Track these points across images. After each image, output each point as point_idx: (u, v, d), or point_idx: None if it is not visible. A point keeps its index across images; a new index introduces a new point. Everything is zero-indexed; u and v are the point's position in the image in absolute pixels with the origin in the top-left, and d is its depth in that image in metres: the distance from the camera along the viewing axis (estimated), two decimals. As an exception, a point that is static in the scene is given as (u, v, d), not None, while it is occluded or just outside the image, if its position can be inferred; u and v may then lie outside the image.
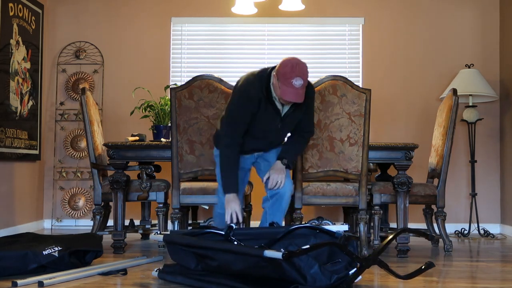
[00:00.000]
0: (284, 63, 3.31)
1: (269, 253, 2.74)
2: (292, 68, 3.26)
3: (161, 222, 4.50)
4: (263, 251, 2.77)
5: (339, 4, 6.11)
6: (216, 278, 3.08)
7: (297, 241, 3.22)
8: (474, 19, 6.06)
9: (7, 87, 5.23)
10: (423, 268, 3.13)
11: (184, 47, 6.17)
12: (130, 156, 4.40)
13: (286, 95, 3.29)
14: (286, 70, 3.27)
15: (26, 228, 5.44)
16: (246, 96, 3.40)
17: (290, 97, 3.30)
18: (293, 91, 3.28)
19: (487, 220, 5.85)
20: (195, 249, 3.15)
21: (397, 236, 3.23)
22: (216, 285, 3.02)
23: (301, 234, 3.26)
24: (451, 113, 4.48)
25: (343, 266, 3.00)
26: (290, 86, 3.27)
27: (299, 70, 3.27)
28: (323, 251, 3.09)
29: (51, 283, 3.08)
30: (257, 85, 3.39)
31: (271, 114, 3.46)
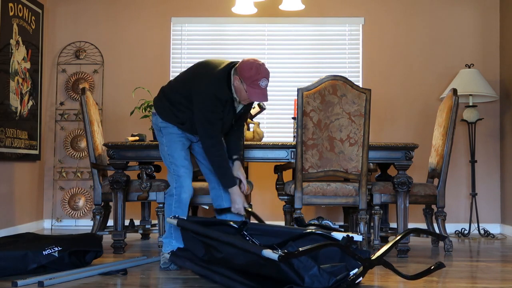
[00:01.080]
0: (247, 65, 3.44)
1: (266, 253, 2.75)
2: (257, 70, 3.41)
3: (161, 222, 4.50)
4: (262, 250, 2.78)
5: (339, 4, 6.11)
6: (220, 269, 3.12)
7: (308, 244, 3.20)
8: (474, 19, 6.06)
9: (7, 87, 5.23)
10: (432, 268, 3.13)
11: (184, 47, 6.17)
12: (130, 156, 4.40)
13: (254, 96, 3.46)
14: (252, 73, 3.41)
15: (26, 228, 5.44)
16: (217, 98, 3.49)
17: (258, 98, 3.48)
18: (261, 92, 3.45)
19: (487, 220, 5.85)
20: (203, 238, 3.23)
21: (405, 236, 3.22)
22: (219, 275, 3.07)
23: (315, 238, 3.25)
24: (451, 113, 4.48)
25: (343, 267, 2.99)
26: (257, 87, 3.43)
27: (263, 71, 3.43)
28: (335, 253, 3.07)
29: (51, 283, 3.09)
30: (225, 87, 3.50)
31: (230, 113, 3.59)
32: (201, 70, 3.58)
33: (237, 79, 3.46)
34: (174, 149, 3.66)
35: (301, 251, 2.75)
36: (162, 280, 3.38)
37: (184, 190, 3.64)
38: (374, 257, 3.02)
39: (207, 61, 3.65)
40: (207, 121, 3.50)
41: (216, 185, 3.79)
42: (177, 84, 3.68)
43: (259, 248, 2.82)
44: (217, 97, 3.47)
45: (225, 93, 3.49)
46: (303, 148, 4.09)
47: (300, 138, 4.08)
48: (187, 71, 3.68)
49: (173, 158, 3.66)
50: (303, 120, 4.07)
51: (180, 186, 3.64)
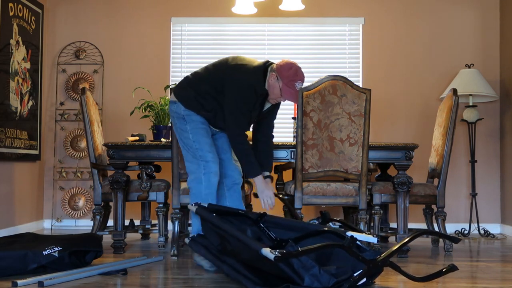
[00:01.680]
0: (287, 65, 3.62)
1: (265, 252, 2.76)
2: (296, 72, 3.61)
3: (161, 222, 4.50)
4: (261, 248, 2.79)
5: (339, 4, 6.11)
6: (230, 259, 3.18)
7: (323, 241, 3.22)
8: (474, 19, 6.06)
9: (7, 87, 5.23)
10: (444, 271, 3.12)
11: (184, 47, 6.17)
12: (130, 156, 4.40)
13: (287, 95, 3.61)
14: (290, 74, 3.59)
15: (26, 228, 5.44)
16: (254, 90, 3.61)
17: (291, 97, 3.63)
18: (295, 93, 3.62)
19: (487, 220, 5.85)
20: (216, 229, 3.27)
21: (415, 238, 3.22)
22: (227, 266, 3.14)
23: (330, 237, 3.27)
24: (451, 113, 4.48)
25: (349, 268, 2.99)
26: (293, 88, 3.60)
27: (301, 74, 3.64)
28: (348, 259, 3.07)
29: (51, 283, 3.08)
30: (262, 82, 3.63)
31: (257, 110, 3.69)
32: (238, 62, 3.68)
33: (273, 76, 3.60)
34: (200, 135, 3.70)
35: (300, 251, 2.75)
36: (162, 280, 3.38)
37: (213, 175, 3.68)
38: (380, 258, 3.01)
39: (241, 56, 3.77)
40: (238, 110, 3.59)
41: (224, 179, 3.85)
42: (207, 74, 3.74)
43: (259, 246, 2.83)
44: (254, 88, 3.60)
45: (262, 88, 3.62)
46: (303, 148, 4.09)
47: (300, 138, 4.08)
48: (218, 63, 3.76)
49: (199, 144, 3.69)
50: (303, 120, 4.07)
51: (209, 172, 3.67)
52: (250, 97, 3.60)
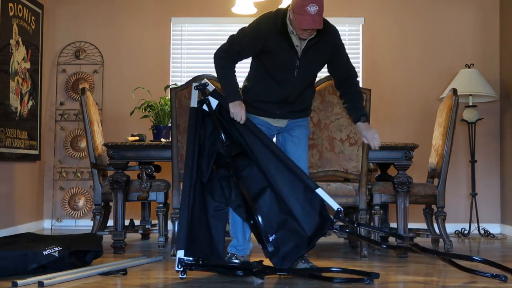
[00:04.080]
0: None
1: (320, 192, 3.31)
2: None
3: (161, 222, 4.50)
4: (318, 187, 3.34)
5: (339, 4, 6.11)
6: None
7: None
8: (474, 19, 6.06)
9: (7, 87, 5.23)
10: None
11: (184, 47, 6.17)
12: (130, 156, 4.40)
13: (302, 23, 3.22)
14: (299, 1, 3.22)
15: (26, 228, 5.44)
16: (256, 26, 3.40)
17: (307, 24, 3.22)
18: (310, 18, 3.21)
19: (487, 220, 5.85)
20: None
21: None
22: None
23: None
24: (451, 113, 4.48)
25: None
26: (306, 14, 3.20)
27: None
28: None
29: (51, 283, 3.08)
30: (272, 18, 3.38)
31: (287, 50, 3.37)
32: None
33: (290, 12, 3.30)
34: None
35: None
36: (162, 280, 3.38)
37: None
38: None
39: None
40: (232, 39, 3.46)
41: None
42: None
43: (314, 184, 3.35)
44: (260, 27, 3.37)
45: (271, 23, 3.35)
46: (303, 148, 4.08)
47: (300, 138, 4.07)
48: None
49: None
50: (303, 120, 4.06)
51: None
52: (252, 32, 3.39)
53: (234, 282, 3.22)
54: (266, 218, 3.36)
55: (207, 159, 3.42)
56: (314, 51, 3.41)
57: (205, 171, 3.40)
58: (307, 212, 3.37)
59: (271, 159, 3.41)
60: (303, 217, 3.36)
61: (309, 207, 3.38)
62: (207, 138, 3.44)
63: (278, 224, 3.39)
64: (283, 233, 3.37)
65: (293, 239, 3.36)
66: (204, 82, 3.50)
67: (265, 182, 3.44)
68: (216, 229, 3.41)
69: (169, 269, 3.69)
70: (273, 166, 3.41)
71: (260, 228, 3.29)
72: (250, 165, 3.48)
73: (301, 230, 3.35)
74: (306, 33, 3.30)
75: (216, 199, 3.44)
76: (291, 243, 3.36)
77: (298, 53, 3.39)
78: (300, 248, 3.36)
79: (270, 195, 3.44)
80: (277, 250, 3.33)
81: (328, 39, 3.43)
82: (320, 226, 3.36)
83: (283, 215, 3.40)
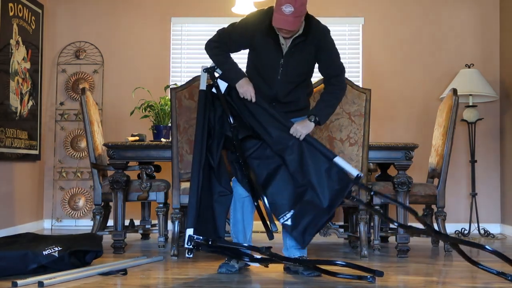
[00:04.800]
0: None
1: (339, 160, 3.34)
2: None
3: (161, 222, 4.50)
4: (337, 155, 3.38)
5: (339, 4, 6.11)
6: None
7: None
8: (474, 19, 6.06)
9: (7, 87, 5.23)
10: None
11: (184, 47, 6.17)
12: (130, 156, 4.40)
13: (274, 21, 3.27)
14: (277, 0, 3.26)
15: (26, 228, 5.44)
16: (244, 22, 3.47)
17: (277, 22, 3.26)
18: (281, 18, 3.23)
19: (487, 220, 5.85)
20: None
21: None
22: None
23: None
24: (451, 113, 4.48)
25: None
26: (280, 12, 3.24)
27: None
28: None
29: (51, 283, 3.09)
30: (262, 15, 3.42)
31: (273, 48, 3.41)
32: None
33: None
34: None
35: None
36: (162, 280, 3.38)
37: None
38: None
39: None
40: (222, 30, 3.51)
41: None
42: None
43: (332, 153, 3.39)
44: (247, 23, 3.44)
45: (256, 21, 3.41)
46: (303, 148, 4.08)
47: (300, 138, 4.07)
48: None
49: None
50: (303, 120, 4.06)
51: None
52: (242, 26, 3.45)
53: (234, 282, 3.22)
54: (278, 197, 3.37)
55: (216, 142, 3.44)
56: (299, 51, 3.43)
57: (214, 154, 3.42)
58: (326, 182, 3.37)
59: (287, 134, 3.41)
60: (322, 188, 3.36)
61: (328, 176, 3.38)
62: (217, 121, 3.45)
63: (295, 199, 3.38)
64: (300, 207, 3.37)
65: (311, 211, 3.36)
66: (213, 65, 3.52)
67: (279, 160, 3.44)
68: (219, 214, 3.42)
69: (169, 269, 3.69)
70: (291, 141, 3.41)
71: (266, 210, 3.33)
72: (261, 146, 3.48)
73: (318, 202, 3.35)
74: (281, 32, 3.33)
75: (222, 184, 3.45)
76: (309, 215, 3.35)
77: (283, 52, 3.41)
78: (319, 218, 3.36)
79: (283, 173, 3.43)
80: (296, 224, 3.35)
81: (315, 39, 3.43)
82: (339, 192, 3.38)
83: (300, 189, 3.39)
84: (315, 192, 3.36)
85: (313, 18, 3.45)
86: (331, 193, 3.36)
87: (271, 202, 3.38)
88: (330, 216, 3.38)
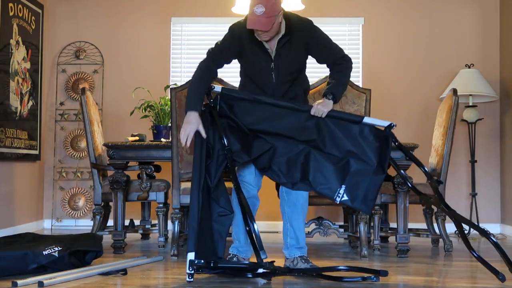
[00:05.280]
0: None
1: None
2: None
3: (161, 222, 4.50)
4: (363, 117, 3.39)
5: (339, 4, 6.11)
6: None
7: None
8: (474, 19, 6.06)
9: (7, 87, 5.23)
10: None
11: (184, 47, 6.17)
12: (130, 156, 4.40)
13: (249, 23, 3.30)
14: (250, 1, 3.31)
15: (26, 228, 5.44)
16: (230, 33, 3.50)
17: (252, 24, 3.28)
18: (255, 19, 3.27)
19: (487, 220, 5.85)
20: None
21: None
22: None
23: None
24: (451, 113, 4.48)
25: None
26: (252, 14, 3.27)
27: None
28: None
29: (51, 283, 3.09)
30: (242, 24, 3.44)
31: (260, 54, 3.44)
32: None
33: None
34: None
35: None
36: (162, 280, 3.38)
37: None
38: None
39: None
40: (212, 48, 3.56)
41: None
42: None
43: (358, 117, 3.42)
44: (232, 32, 3.47)
45: (240, 30, 3.44)
46: (303, 148, 4.08)
47: (300, 138, 4.07)
48: None
49: None
50: (303, 120, 4.05)
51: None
52: (227, 40, 3.49)
53: (234, 283, 3.22)
54: (322, 182, 3.36)
55: (216, 162, 3.37)
56: (287, 50, 3.45)
57: (213, 175, 3.35)
58: (364, 144, 3.39)
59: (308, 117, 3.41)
60: (363, 152, 3.37)
61: (363, 139, 3.40)
62: (217, 141, 3.38)
63: (341, 175, 3.36)
64: (349, 179, 3.35)
65: (362, 178, 3.36)
66: (211, 86, 3.48)
67: (305, 147, 3.41)
68: (218, 234, 3.36)
69: (169, 269, 3.69)
70: (314, 123, 3.40)
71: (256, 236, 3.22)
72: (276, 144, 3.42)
73: (366, 166, 3.36)
74: (259, 35, 3.36)
75: (221, 204, 3.39)
76: (364, 182, 3.35)
77: (272, 55, 3.44)
78: (374, 180, 3.36)
79: (316, 158, 3.40)
80: (354, 196, 3.34)
81: (301, 33, 3.45)
82: (382, 147, 3.40)
83: (341, 163, 3.38)
84: (358, 158, 3.36)
85: (292, 15, 3.48)
86: (374, 152, 3.37)
87: (319, 191, 3.38)
88: (385, 175, 3.39)
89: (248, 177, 3.51)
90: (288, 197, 3.51)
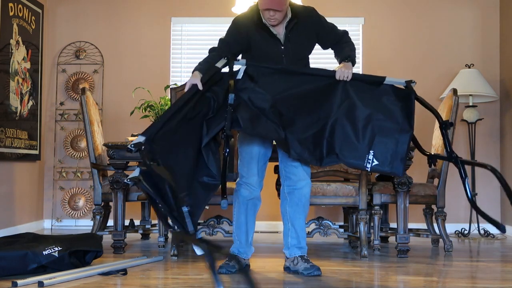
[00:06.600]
0: None
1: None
2: None
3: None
4: (384, 77, 3.40)
5: (339, 4, 6.11)
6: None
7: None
8: (474, 19, 6.06)
9: (7, 87, 5.23)
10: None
11: (184, 47, 6.17)
12: (130, 156, 4.39)
13: (265, 4, 3.32)
14: None
15: (26, 228, 5.44)
16: (235, 24, 3.52)
17: (268, 4, 3.31)
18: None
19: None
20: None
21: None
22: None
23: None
24: (451, 113, 4.48)
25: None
26: None
27: None
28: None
29: (51, 283, 3.09)
30: (248, 14, 3.50)
31: (270, 40, 3.45)
32: None
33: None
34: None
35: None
36: (162, 280, 3.38)
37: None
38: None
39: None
40: (220, 39, 3.59)
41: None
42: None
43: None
44: (237, 22, 3.50)
45: (246, 18, 3.49)
46: (303, 148, 4.08)
47: (300, 138, 4.06)
48: None
49: None
50: (303, 120, 4.05)
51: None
52: (233, 31, 3.50)
53: (234, 282, 3.22)
54: (350, 153, 3.32)
55: (218, 118, 3.22)
56: (297, 33, 3.49)
57: (212, 129, 3.18)
58: (387, 103, 3.40)
59: (331, 82, 3.40)
60: (386, 111, 3.37)
61: (387, 98, 3.41)
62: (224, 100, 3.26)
63: (368, 140, 3.32)
64: (375, 143, 3.31)
65: (390, 138, 3.34)
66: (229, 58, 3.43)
67: (329, 118, 3.35)
68: (199, 197, 3.08)
69: (169, 269, 3.69)
70: (339, 87, 3.39)
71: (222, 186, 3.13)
72: (298, 119, 3.36)
73: (391, 125, 3.36)
74: (269, 16, 3.36)
75: (209, 165, 3.16)
76: (391, 142, 3.33)
77: (281, 40, 3.46)
78: (403, 138, 3.36)
79: (341, 126, 3.34)
80: (384, 159, 3.30)
81: (308, 18, 3.52)
82: (405, 105, 3.45)
83: (367, 127, 3.33)
84: (383, 120, 3.34)
85: (294, 4, 3.54)
86: (398, 110, 3.39)
87: (347, 162, 3.34)
88: (412, 131, 3.40)
89: (251, 178, 3.52)
90: (291, 197, 3.51)
